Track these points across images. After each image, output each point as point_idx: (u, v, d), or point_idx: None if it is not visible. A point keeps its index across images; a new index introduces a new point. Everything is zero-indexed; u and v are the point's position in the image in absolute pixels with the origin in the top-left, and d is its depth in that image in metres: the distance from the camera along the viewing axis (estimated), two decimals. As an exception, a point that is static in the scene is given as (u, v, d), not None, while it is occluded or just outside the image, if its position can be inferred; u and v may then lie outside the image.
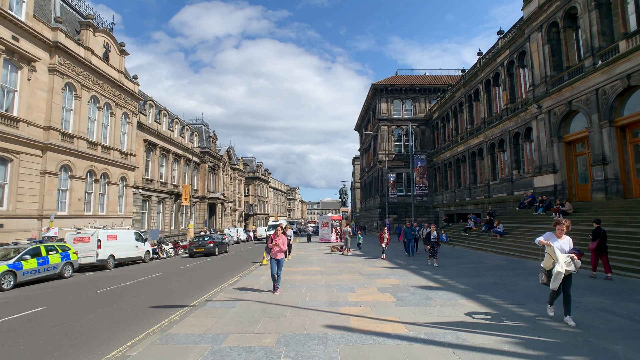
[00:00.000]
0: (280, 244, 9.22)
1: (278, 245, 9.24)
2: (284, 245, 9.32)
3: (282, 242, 9.28)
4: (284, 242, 9.32)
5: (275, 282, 9.34)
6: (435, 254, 14.15)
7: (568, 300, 6.02)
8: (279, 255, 9.31)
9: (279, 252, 9.31)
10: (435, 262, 14.05)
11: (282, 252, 9.37)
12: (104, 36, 26.29)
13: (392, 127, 44.05)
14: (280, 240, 9.26)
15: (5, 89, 18.51)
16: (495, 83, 28.24)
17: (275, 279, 9.32)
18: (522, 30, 23.24)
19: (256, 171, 79.12)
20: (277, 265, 9.30)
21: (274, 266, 9.27)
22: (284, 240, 9.38)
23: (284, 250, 9.37)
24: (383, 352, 4.99)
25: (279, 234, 9.37)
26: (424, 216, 40.69)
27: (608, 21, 17.20)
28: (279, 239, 9.26)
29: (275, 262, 9.29)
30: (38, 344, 6.18)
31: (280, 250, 9.30)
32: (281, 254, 9.35)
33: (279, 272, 9.37)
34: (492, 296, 8.38)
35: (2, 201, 18.28)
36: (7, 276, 12.12)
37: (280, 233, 9.38)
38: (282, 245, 9.27)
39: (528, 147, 24.12)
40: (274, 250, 9.29)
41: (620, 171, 16.46)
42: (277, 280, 9.36)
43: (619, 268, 10.93)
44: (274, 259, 9.28)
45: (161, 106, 37.64)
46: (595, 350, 4.87)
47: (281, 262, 9.41)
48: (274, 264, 9.28)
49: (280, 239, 9.28)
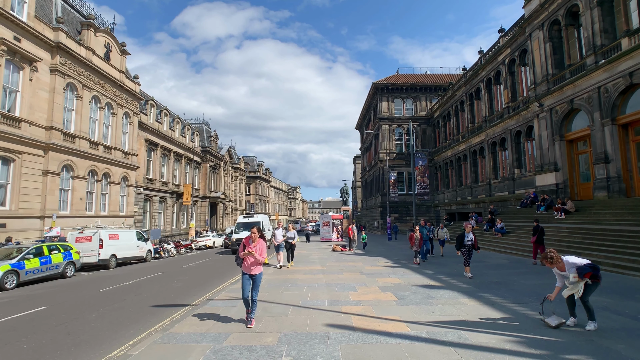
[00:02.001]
0: (258, 252, 6.40)
1: (253, 256, 6.33)
2: (262, 254, 6.47)
3: (260, 249, 6.46)
4: (262, 250, 6.49)
5: (249, 309, 6.45)
6: (469, 261, 11.02)
7: (587, 308, 5.72)
8: (254, 269, 6.45)
9: (255, 265, 6.46)
10: (469, 272, 10.94)
11: (259, 265, 6.53)
12: (105, 36, 26.32)
13: (393, 126, 43.99)
14: (258, 247, 6.42)
15: (8, 90, 18.56)
16: (496, 81, 28.16)
17: (249, 304, 6.43)
18: (524, 28, 23.16)
19: (257, 170, 79.20)
20: (252, 283, 6.46)
21: (246, 285, 6.40)
22: (262, 248, 6.52)
23: (262, 261, 6.52)
24: (385, 351, 4.99)
25: (255, 238, 6.46)
26: (425, 215, 40.60)
27: (610, 19, 17.13)
28: (255, 246, 6.40)
29: (249, 279, 6.44)
30: (40, 343, 6.19)
31: (256, 263, 6.45)
32: (258, 267, 6.53)
33: (254, 294, 6.46)
34: (493, 295, 8.36)
35: (5, 201, 18.35)
36: (10, 275, 12.16)
37: (257, 237, 6.48)
38: (260, 254, 6.43)
39: (529, 146, 24.06)
40: (248, 262, 6.43)
41: (623, 169, 16.40)
42: (253, 306, 6.48)
43: (621, 267, 10.89)
44: (247, 275, 6.46)
45: (162, 106, 37.68)
46: (598, 349, 4.85)
47: (258, 280, 6.52)
48: (246, 282, 6.42)
49: (258, 245, 6.44)
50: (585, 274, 5.60)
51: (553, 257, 5.81)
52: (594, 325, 5.58)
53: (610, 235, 13.34)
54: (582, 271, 5.60)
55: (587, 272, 5.60)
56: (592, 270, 5.61)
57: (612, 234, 13.31)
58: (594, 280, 5.64)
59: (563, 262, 5.80)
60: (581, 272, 5.60)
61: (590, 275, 5.59)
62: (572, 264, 5.73)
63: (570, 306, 5.93)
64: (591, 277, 5.61)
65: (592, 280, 5.62)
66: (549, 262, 5.86)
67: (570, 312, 5.93)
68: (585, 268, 5.62)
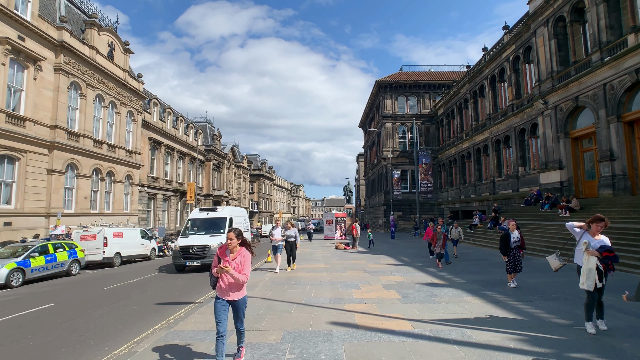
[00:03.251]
0: (239, 267, 4.33)
1: (232, 275, 4.27)
2: (244, 269, 4.36)
3: (242, 263, 4.36)
4: (244, 264, 4.38)
5: (221, 346, 4.25)
6: (515, 267, 8.90)
7: (600, 306, 5.41)
8: (234, 292, 4.39)
9: (235, 287, 4.39)
10: (514, 281, 9.03)
11: (239, 288, 4.43)
12: (109, 35, 26.40)
13: (396, 124, 43.85)
14: (239, 261, 4.36)
15: (12, 89, 18.67)
16: (500, 79, 27.98)
17: (224, 340, 4.30)
18: (528, 25, 22.97)
19: (260, 169, 79.29)
20: (235, 313, 4.49)
21: (221, 315, 4.29)
22: (245, 261, 4.40)
23: (244, 281, 4.37)
24: (388, 349, 4.98)
25: (235, 246, 4.39)
26: (428, 213, 40.53)
27: (616, 15, 16.95)
28: (234, 258, 4.37)
29: (226, 306, 4.38)
30: (46, 340, 6.25)
31: (235, 285, 4.37)
32: (238, 291, 4.42)
33: (238, 324, 4.53)
34: (497, 293, 8.33)
35: (10, 199, 18.49)
36: (16, 273, 12.27)
37: (236, 244, 4.39)
38: (242, 270, 4.34)
39: (534, 143, 23.90)
40: (225, 283, 4.36)
41: (628, 167, 16.26)
42: (239, 336, 4.62)
43: (626, 265, 10.82)
44: (223, 301, 4.37)
45: (165, 104, 37.78)
46: (603, 347, 4.82)
47: (241, 307, 4.48)
48: (222, 310, 4.32)
49: (238, 257, 4.38)
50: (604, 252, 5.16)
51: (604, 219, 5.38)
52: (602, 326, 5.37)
53: (615, 233, 13.22)
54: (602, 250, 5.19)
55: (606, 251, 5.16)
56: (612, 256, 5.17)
57: (617, 232, 13.20)
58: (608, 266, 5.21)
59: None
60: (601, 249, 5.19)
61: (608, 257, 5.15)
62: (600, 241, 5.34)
63: (589, 309, 5.43)
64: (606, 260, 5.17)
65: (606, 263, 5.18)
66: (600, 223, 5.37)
67: (594, 314, 5.43)
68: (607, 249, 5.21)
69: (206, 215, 16.43)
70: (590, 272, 5.17)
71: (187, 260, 14.11)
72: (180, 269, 14.58)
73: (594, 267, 5.15)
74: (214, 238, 14.68)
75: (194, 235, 15.34)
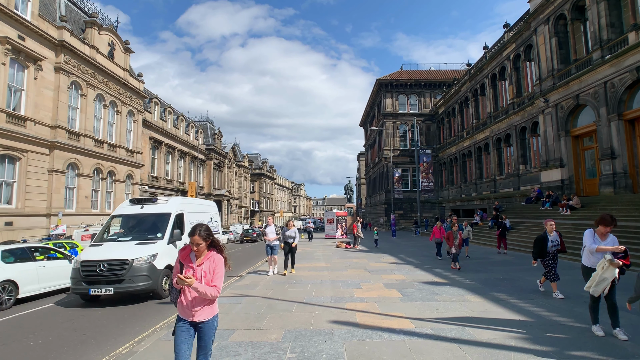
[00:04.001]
0: (208, 277, 3.19)
1: (197, 289, 3.07)
2: (214, 279, 3.19)
3: (212, 270, 3.21)
4: (215, 273, 3.20)
5: None
6: (556, 274, 7.77)
7: (614, 310, 5.08)
8: (200, 310, 3.20)
9: (199, 303, 3.20)
10: (558, 290, 7.75)
11: (208, 304, 3.22)
12: (109, 34, 26.39)
13: (397, 123, 43.82)
14: (207, 267, 3.21)
15: (13, 88, 18.68)
16: (501, 77, 27.94)
17: None
18: (529, 23, 22.92)
19: (261, 168, 79.31)
20: (199, 341, 3.28)
21: (181, 343, 3.21)
22: (217, 266, 3.22)
23: (214, 295, 3.15)
24: (389, 347, 4.98)
25: (202, 250, 3.23)
26: (429, 212, 40.54)
27: (617, 12, 16.90)
28: (201, 264, 3.23)
29: (189, 330, 3.25)
30: (47, 339, 6.25)
31: (201, 300, 3.19)
32: (208, 307, 3.23)
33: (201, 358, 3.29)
34: (498, 291, 8.33)
35: (11, 199, 18.53)
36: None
37: (204, 248, 3.22)
38: (211, 281, 3.19)
39: (535, 142, 23.87)
40: (187, 298, 3.19)
41: (629, 165, 16.24)
42: None
43: (627, 263, 10.79)
44: (185, 324, 3.24)
45: (166, 104, 37.79)
46: (604, 345, 4.82)
47: (208, 332, 3.27)
48: (183, 336, 3.22)
49: (207, 262, 3.23)
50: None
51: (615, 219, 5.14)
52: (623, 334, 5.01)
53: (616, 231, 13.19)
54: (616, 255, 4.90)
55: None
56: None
57: (618, 230, 13.12)
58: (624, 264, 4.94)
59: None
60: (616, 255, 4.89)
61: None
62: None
63: (594, 310, 5.24)
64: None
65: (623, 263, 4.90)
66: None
67: (610, 323, 5.16)
68: None
69: (139, 211, 10.45)
70: (604, 281, 4.93)
71: (92, 285, 8.42)
72: (84, 298, 8.92)
73: (610, 279, 4.89)
74: (142, 248, 8.99)
75: (114, 242, 9.72)
